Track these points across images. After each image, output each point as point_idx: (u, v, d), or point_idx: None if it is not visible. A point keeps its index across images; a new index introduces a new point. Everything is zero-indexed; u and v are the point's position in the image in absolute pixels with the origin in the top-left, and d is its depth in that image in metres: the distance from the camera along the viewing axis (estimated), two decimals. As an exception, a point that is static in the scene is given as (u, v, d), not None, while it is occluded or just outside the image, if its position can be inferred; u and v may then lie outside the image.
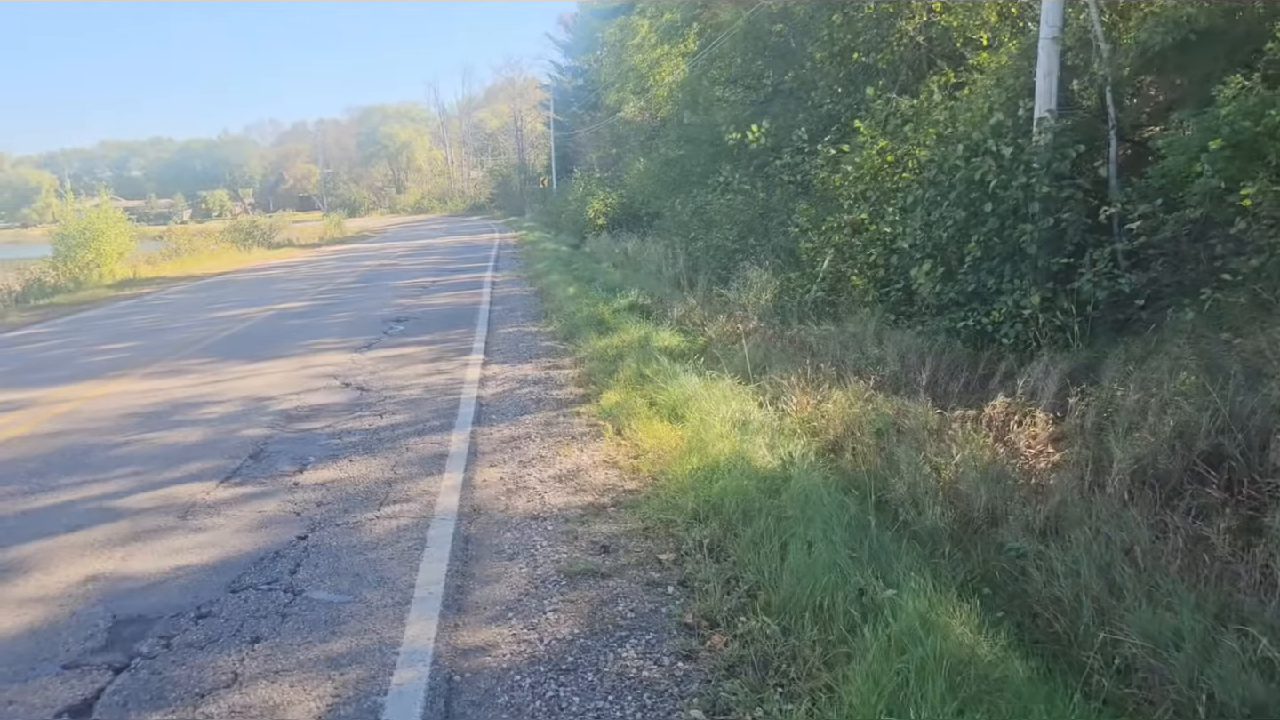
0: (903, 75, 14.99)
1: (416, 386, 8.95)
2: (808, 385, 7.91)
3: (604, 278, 17.89)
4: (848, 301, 10.91)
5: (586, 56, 45.84)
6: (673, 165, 23.94)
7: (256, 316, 15.53)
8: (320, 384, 9.23)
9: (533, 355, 10.63)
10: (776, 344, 10.17)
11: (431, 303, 16.48)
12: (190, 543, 4.92)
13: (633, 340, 10.50)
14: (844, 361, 8.87)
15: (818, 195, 13.78)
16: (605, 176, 33.42)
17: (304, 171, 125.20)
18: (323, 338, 12.52)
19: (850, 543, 4.35)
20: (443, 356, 10.67)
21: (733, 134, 16.20)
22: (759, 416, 6.93)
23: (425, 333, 12.63)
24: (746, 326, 11.17)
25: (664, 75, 30.05)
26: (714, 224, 16.53)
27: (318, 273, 26.14)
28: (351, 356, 10.84)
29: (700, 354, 10.13)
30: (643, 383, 8.21)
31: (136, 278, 28.06)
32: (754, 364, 9.17)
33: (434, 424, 7.42)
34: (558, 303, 14.91)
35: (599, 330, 11.52)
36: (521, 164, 73.68)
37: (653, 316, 12.76)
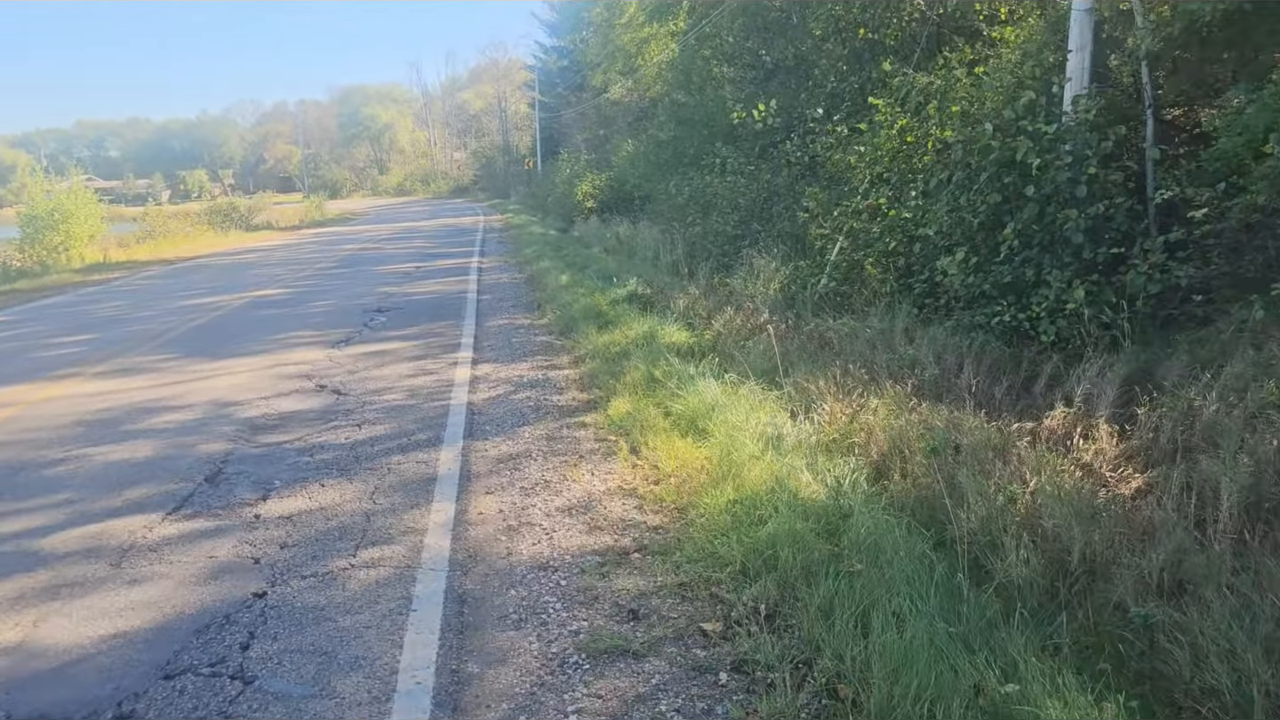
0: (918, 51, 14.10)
1: (400, 390, 8.03)
2: (839, 391, 7.06)
3: (597, 264, 16.96)
4: (865, 293, 10.06)
5: (572, 36, 44.99)
6: (665, 146, 23.02)
7: (229, 305, 14.53)
8: (292, 386, 8.29)
9: (527, 352, 9.71)
10: (793, 341, 9.30)
11: (415, 291, 15.52)
12: (122, 601, 4.00)
13: (637, 336, 9.61)
14: (874, 362, 8.03)
15: (827, 178, 12.93)
16: (593, 158, 32.43)
17: (285, 152, 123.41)
18: (298, 330, 11.55)
19: (945, 611, 3.49)
20: (428, 353, 9.74)
21: (738, 112, 15.26)
22: (792, 431, 6.06)
23: (409, 325, 11.69)
24: (757, 320, 10.31)
25: (653, 55, 29.45)
26: (713, 208, 15.62)
27: (296, 257, 25.07)
28: (328, 353, 9.90)
29: (712, 351, 9.28)
30: (654, 388, 7.33)
31: (107, 261, 26.89)
32: (773, 364, 8.33)
33: (420, 437, 6.50)
34: (550, 292, 13.98)
35: (598, 324, 10.62)
36: (506, 146, 72.42)
37: (654, 308, 11.86)
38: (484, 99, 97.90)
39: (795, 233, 12.89)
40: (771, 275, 11.71)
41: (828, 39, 16.74)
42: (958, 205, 8.29)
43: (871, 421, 6.25)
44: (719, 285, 12.69)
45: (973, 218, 8.17)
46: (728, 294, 11.89)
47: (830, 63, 16.40)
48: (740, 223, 14.55)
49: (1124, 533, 4.34)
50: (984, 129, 8.19)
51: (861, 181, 10.54)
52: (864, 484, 5.19)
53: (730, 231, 14.38)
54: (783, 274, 11.59)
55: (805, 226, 12.50)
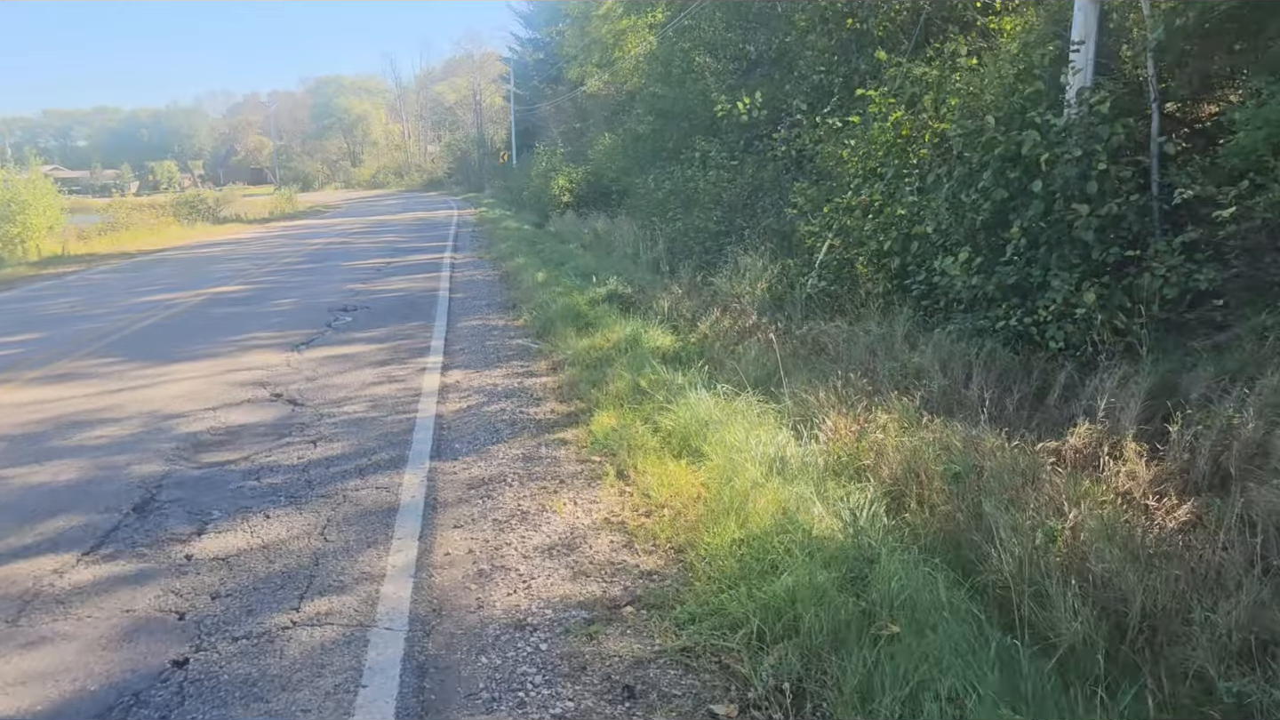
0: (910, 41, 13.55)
1: (362, 400, 7.35)
2: (842, 403, 6.48)
3: (574, 261, 16.32)
4: (859, 294, 9.50)
5: (548, 29, 44.57)
6: (644, 140, 22.42)
7: (186, 302, 13.74)
8: (245, 395, 7.60)
9: (502, 357, 9.05)
10: (787, 345, 8.70)
11: (385, 288, 14.79)
12: (12, 672, 3.32)
13: (619, 340, 8.99)
14: (875, 370, 7.47)
15: (815, 173, 12.37)
16: (569, 151, 31.80)
17: (256, 144, 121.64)
18: (257, 331, 10.82)
19: (1004, 692, 2.90)
20: (395, 357, 9.06)
21: (722, 104, 14.64)
22: (796, 452, 5.47)
23: (376, 326, 10.99)
24: (746, 323, 9.73)
25: (630, 47, 28.95)
26: (694, 203, 15.01)
27: (263, 251, 24.21)
28: (287, 356, 9.19)
29: (699, 357, 8.69)
30: (641, 399, 6.71)
31: (65, 254, 25.90)
32: (767, 372, 7.75)
33: (382, 456, 5.84)
34: (526, 290, 13.33)
35: (577, 326, 9.99)
36: (480, 139, 71.48)
37: (636, 309, 11.25)
38: (459, 91, 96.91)
39: (782, 230, 12.33)
40: (759, 274, 11.12)
41: (811, 30, 16.21)
42: (959, 202, 7.79)
43: (882, 440, 5.67)
44: (703, 285, 12.10)
45: (975, 215, 7.65)
46: (712, 294, 11.30)
47: (815, 54, 15.87)
48: (723, 219, 13.97)
49: (1186, 579, 3.77)
50: (987, 122, 7.67)
51: (853, 177, 9.98)
52: (883, 516, 4.61)
53: (712, 228, 13.79)
54: (770, 273, 11.00)
55: (793, 224, 11.94)
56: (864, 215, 9.43)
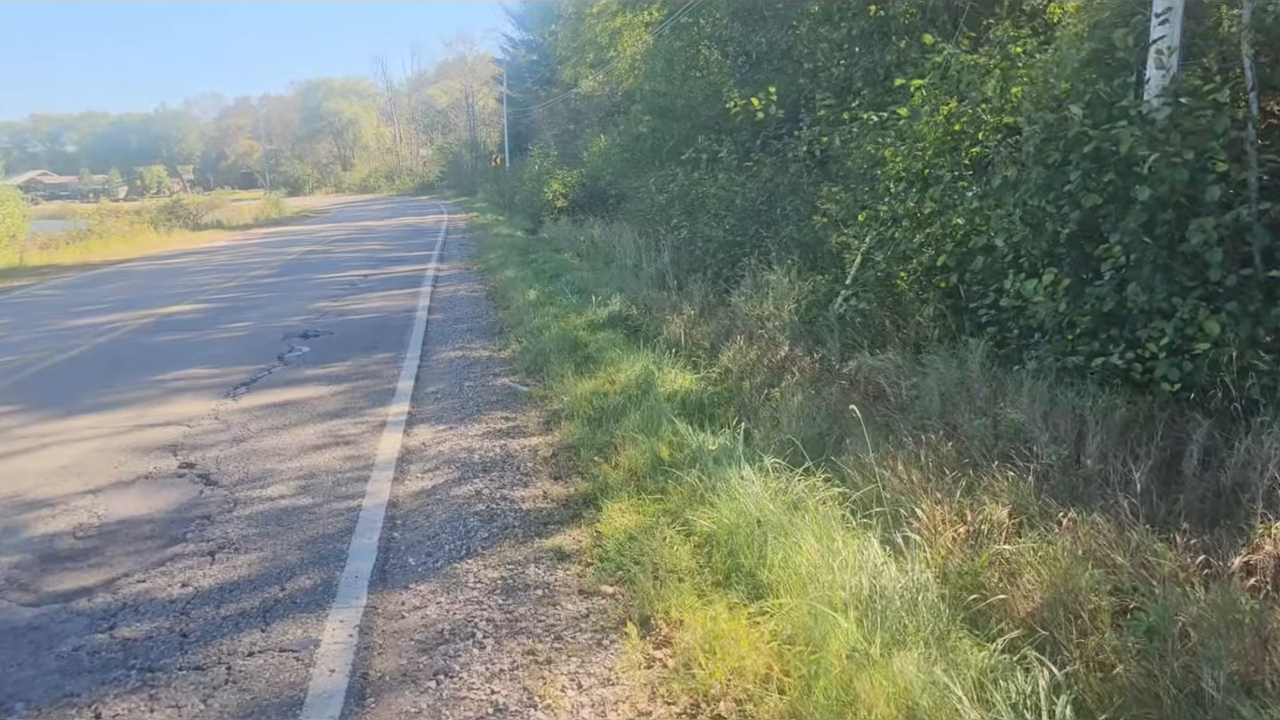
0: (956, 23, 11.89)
1: (295, 476, 5.59)
2: (928, 480, 4.83)
3: (570, 274, 14.60)
4: (912, 320, 7.84)
5: (541, 30, 43.42)
6: (643, 140, 20.75)
7: (127, 326, 11.98)
8: (146, 466, 5.85)
9: (482, 405, 7.29)
10: (831, 388, 7.01)
11: (356, 307, 13.03)
12: None
13: (628, 382, 7.28)
14: (954, 423, 5.83)
15: (842, 175, 10.70)
16: (563, 154, 30.28)
17: (246, 147, 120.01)
18: (194, 366, 9.06)
19: None
20: (350, 406, 7.30)
21: (735, 100, 12.92)
22: (897, 578, 3.77)
23: (336, 359, 9.23)
24: (776, 354, 8.03)
25: (626, 46, 27.66)
26: (701, 209, 13.32)
27: (235, 261, 22.44)
28: (218, 405, 7.44)
29: (727, 403, 7.02)
30: (664, 479, 4.99)
31: (21, 265, 24.07)
32: (818, 429, 6.06)
33: (302, 582, 4.09)
34: (516, 311, 11.58)
35: (576, 360, 8.27)
36: (473, 142, 69.83)
37: (643, 335, 9.56)
38: (450, 94, 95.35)
39: (805, 240, 10.64)
40: (785, 293, 9.41)
41: (825, 21, 14.60)
42: (1038, 210, 6.21)
43: (1007, 552, 3.99)
44: (718, 304, 10.42)
45: (1058, 227, 6.04)
46: (731, 316, 9.61)
47: (831, 46, 14.26)
48: (737, 227, 12.24)
49: None
50: (1071, 113, 6.03)
51: (895, 179, 8.34)
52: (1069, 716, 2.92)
53: (723, 237, 12.07)
54: (799, 291, 9.31)
55: (820, 233, 10.26)
56: (912, 225, 7.78)
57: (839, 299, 8.48)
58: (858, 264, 8.67)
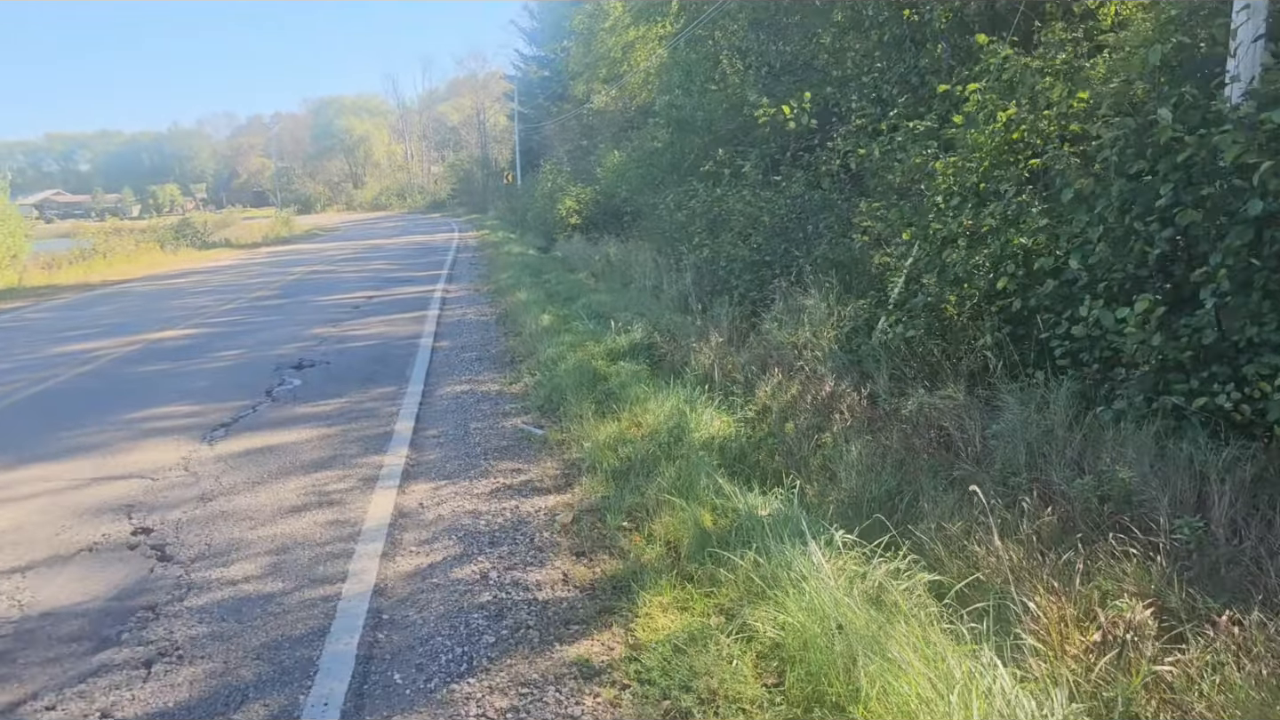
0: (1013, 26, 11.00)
1: (265, 550, 4.68)
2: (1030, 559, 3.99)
3: (586, 297, 13.71)
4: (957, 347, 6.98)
5: (553, 45, 43.04)
6: (660, 154, 19.92)
7: (111, 354, 11.13)
8: (94, 533, 4.95)
9: (490, 452, 6.37)
10: (890, 433, 6.09)
11: (357, 333, 12.16)
12: None
13: (657, 426, 6.37)
14: (1050, 483, 4.97)
15: (881, 189, 9.83)
16: (575, 170, 29.58)
17: (258, 166, 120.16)
18: (172, 402, 8.19)
19: None
20: (340, 453, 6.40)
21: (764, 109, 12.05)
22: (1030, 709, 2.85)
23: (329, 394, 8.34)
24: (820, 390, 7.11)
25: (639, 60, 27.09)
26: (724, 226, 12.46)
27: (236, 282, 21.64)
28: (190, 451, 6.54)
29: (772, 451, 6.13)
30: (712, 563, 4.06)
31: (19, 286, 23.38)
32: (884, 487, 5.15)
33: (254, 712, 3.19)
34: (529, 338, 10.69)
35: (596, 397, 7.37)
36: (484, 159, 69.30)
37: (668, 366, 8.68)
38: (462, 111, 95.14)
39: (840, 259, 9.74)
40: (824, 319, 8.49)
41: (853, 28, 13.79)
42: (1124, 229, 5.35)
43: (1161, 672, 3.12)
44: (748, 330, 9.52)
45: (1145, 246, 5.18)
46: (763, 344, 8.70)
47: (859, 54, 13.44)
48: (764, 246, 11.34)
49: None
50: (1160, 117, 5.14)
51: (946, 194, 7.46)
52: None
53: (749, 256, 11.16)
54: (839, 317, 8.40)
55: (857, 252, 9.37)
56: (969, 244, 6.89)
57: (880, 325, 7.60)
58: (900, 286, 7.80)
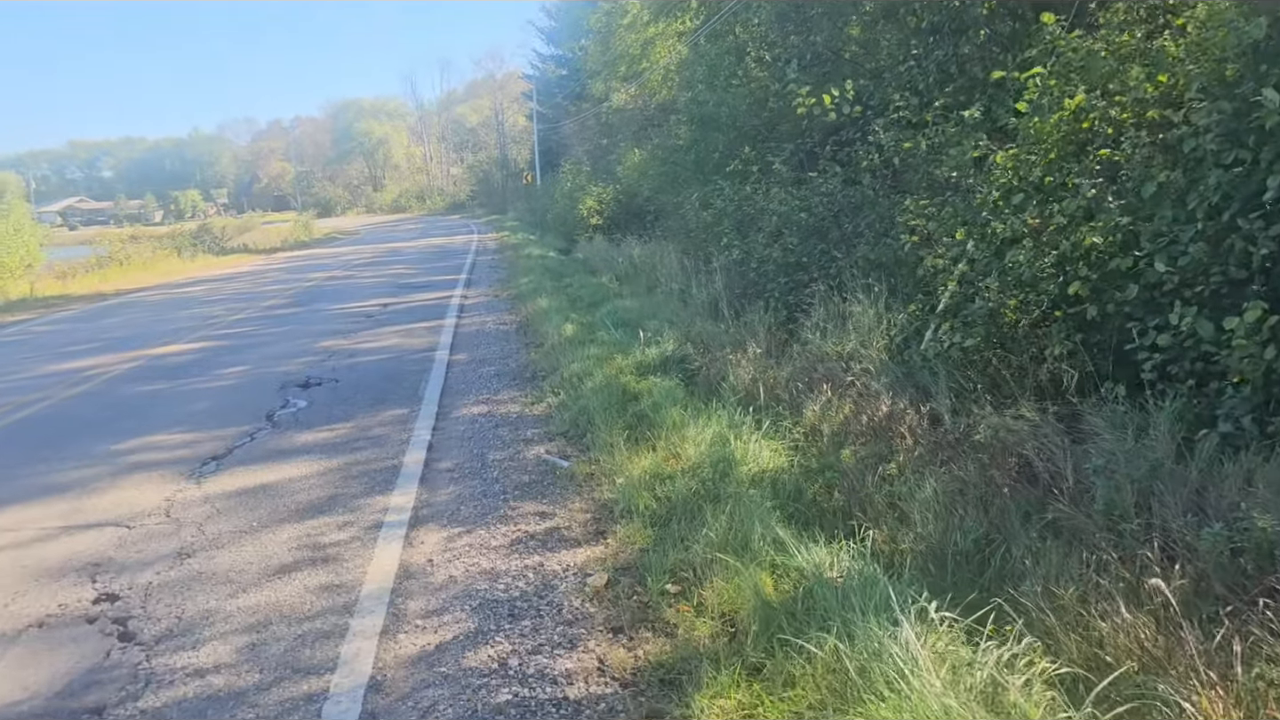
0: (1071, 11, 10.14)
1: (243, 625, 3.94)
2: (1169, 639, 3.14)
3: (610, 303, 12.95)
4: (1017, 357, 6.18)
5: (571, 44, 42.52)
6: (685, 152, 19.07)
7: (109, 372, 10.49)
8: (48, 602, 4.23)
9: (511, 491, 5.61)
10: (964, 462, 5.29)
11: (369, 346, 11.46)
12: None
13: (699, 457, 5.61)
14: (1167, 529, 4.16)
15: (926, 185, 9.01)
16: (595, 169, 28.91)
17: (279, 170, 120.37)
18: (164, 430, 7.51)
19: None
20: (341, 494, 5.66)
21: (803, 99, 11.20)
22: None
23: (335, 418, 7.62)
24: (875, 410, 6.32)
25: (658, 57, 26.30)
26: (754, 226, 11.67)
27: (251, 289, 21.07)
28: (174, 492, 5.83)
29: (828, 488, 5.37)
30: (782, 653, 3.29)
31: (32, 296, 22.90)
32: (969, 535, 4.38)
33: None
34: (551, 350, 9.94)
35: (628, 421, 6.61)
36: (503, 160, 68.75)
37: (704, 382, 7.93)
38: (480, 113, 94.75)
39: (883, 261, 8.92)
40: (872, 326, 7.70)
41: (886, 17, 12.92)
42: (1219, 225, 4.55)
43: None
44: (787, 339, 8.74)
45: (1249, 245, 4.36)
46: (805, 354, 7.91)
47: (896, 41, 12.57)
48: (800, 247, 10.51)
49: None
50: (1266, 100, 4.31)
51: (1006, 190, 6.63)
52: None
53: (783, 258, 10.34)
54: (889, 325, 7.60)
55: (908, 254, 8.52)
56: (1035, 245, 6.07)
57: (929, 333, 6.82)
58: (950, 290, 7.00)
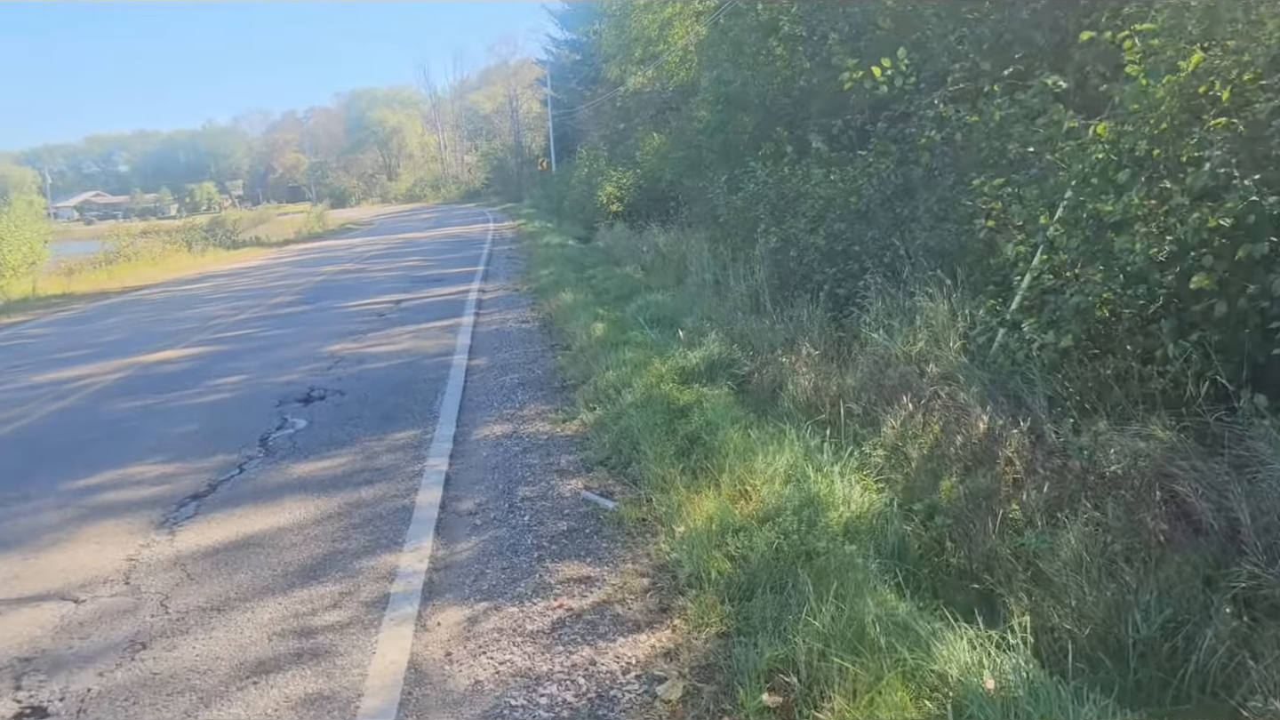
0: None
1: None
2: None
3: (641, 296, 11.89)
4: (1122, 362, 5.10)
5: (585, 28, 41.79)
6: (712, 135, 17.93)
7: (95, 383, 9.54)
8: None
9: (546, 545, 4.57)
10: (1101, 501, 4.22)
11: (380, 350, 10.46)
12: None
13: (776, 499, 4.57)
14: None
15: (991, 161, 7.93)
16: (612, 154, 27.95)
17: (293, 161, 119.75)
18: (139, 459, 6.51)
19: None
20: (339, 550, 4.64)
21: (850, 71, 10.06)
22: None
23: (338, 442, 6.61)
24: (973, 430, 5.26)
25: (676, 38, 25.54)
26: (790, 211, 10.61)
27: (258, 285, 20.12)
28: (139, 548, 4.83)
29: (939, 541, 4.35)
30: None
31: (33, 295, 22.06)
32: (1149, 616, 3.26)
33: None
34: (581, 354, 8.91)
35: (679, 447, 5.58)
36: (518, 146, 67.68)
37: (757, 391, 6.92)
38: (494, 100, 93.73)
39: (946, 248, 7.86)
40: (947, 323, 6.63)
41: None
42: None
43: None
44: (841, 336, 7.68)
45: None
46: (870, 357, 6.85)
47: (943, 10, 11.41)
48: (846, 233, 9.41)
49: None
50: None
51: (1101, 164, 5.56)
52: None
53: (827, 246, 9.27)
54: (967, 319, 6.54)
55: (989, 240, 7.42)
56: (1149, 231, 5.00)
57: (1001, 333, 5.82)
58: (1029, 282, 5.96)
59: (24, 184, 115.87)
